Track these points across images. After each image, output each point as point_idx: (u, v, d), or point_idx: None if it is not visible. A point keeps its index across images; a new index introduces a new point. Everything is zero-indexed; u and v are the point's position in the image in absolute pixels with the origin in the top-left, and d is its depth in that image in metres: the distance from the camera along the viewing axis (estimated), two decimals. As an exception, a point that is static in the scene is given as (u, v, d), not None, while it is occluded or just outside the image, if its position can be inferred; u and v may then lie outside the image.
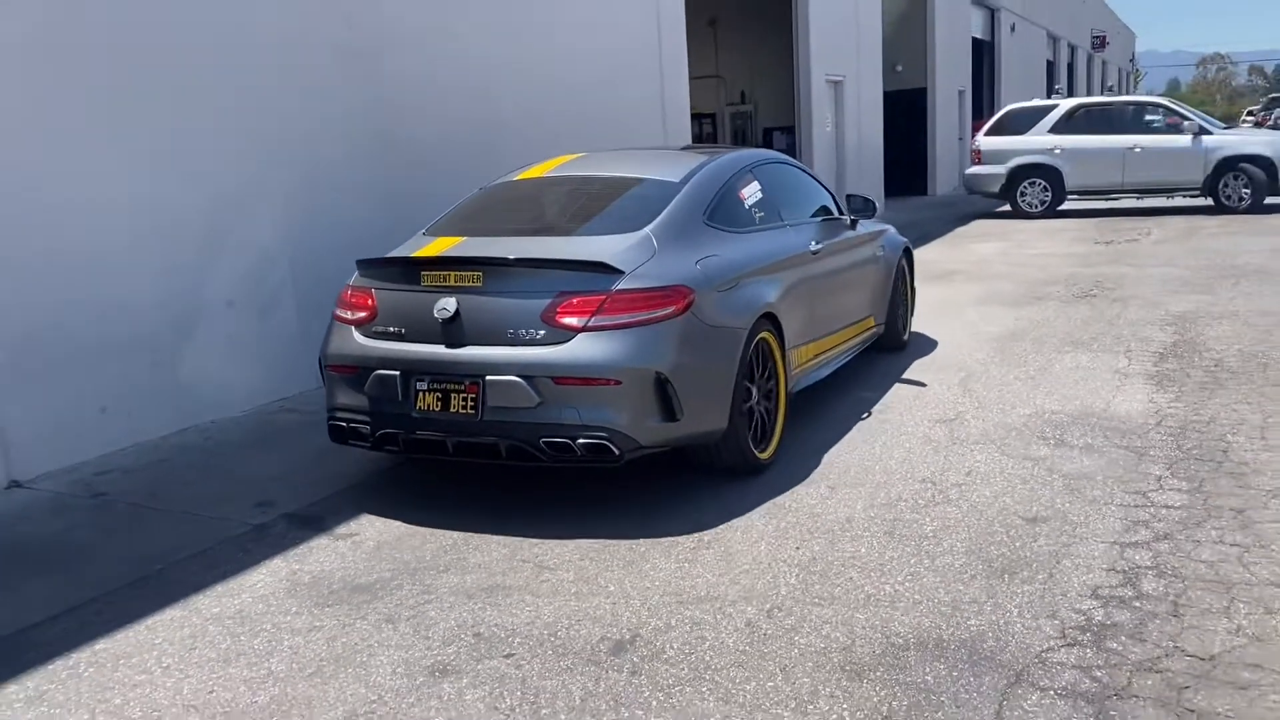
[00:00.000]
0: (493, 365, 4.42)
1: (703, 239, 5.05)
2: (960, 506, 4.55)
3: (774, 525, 4.44)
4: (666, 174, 5.44)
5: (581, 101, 10.26)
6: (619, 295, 4.45)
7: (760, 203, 5.78)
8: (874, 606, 3.65)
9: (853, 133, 18.33)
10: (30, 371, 5.44)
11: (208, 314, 6.44)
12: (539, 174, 5.96)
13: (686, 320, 4.55)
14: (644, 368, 4.39)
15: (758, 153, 6.38)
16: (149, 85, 6.02)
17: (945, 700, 3.03)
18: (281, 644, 3.57)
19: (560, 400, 4.36)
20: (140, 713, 3.16)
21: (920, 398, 6.35)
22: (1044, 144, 16.78)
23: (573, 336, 4.39)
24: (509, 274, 4.57)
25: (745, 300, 4.99)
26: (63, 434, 5.56)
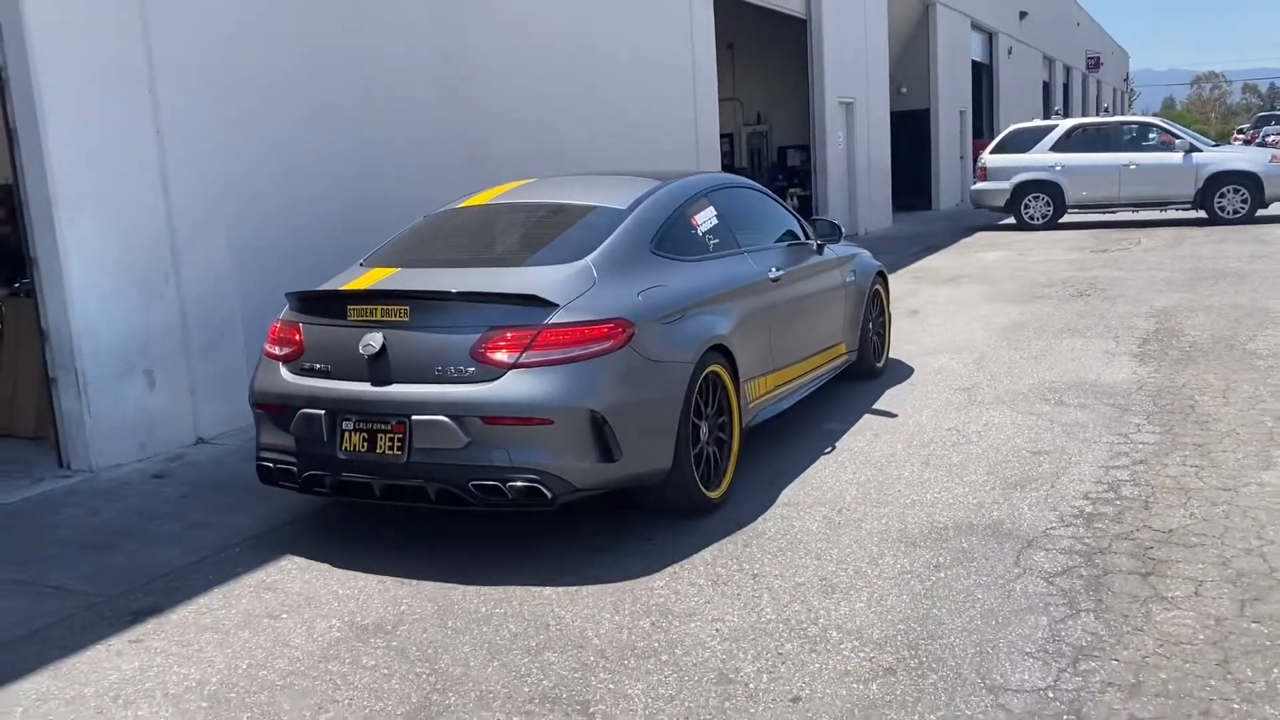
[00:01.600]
0: (419, 404, 4.23)
1: (648, 268, 4.88)
2: (980, 445, 5.73)
3: (834, 460, 5.62)
4: (613, 201, 5.27)
5: (629, 126, 11.54)
6: (552, 329, 4.26)
7: (715, 229, 5.60)
8: (918, 508, 4.83)
9: (863, 151, 19.58)
10: (215, 345, 6.62)
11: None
12: (484, 201, 5.78)
13: (625, 355, 4.35)
14: (577, 406, 4.19)
15: (716, 177, 6.26)
16: (307, 112, 7.24)
17: (978, 556, 4.21)
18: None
19: (490, 441, 4.16)
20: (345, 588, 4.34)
21: (940, 375, 7.54)
22: (1046, 161, 18.06)
23: (503, 374, 4.19)
24: (437, 308, 4.37)
25: (692, 332, 4.78)
26: (237, 400, 6.72)
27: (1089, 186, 17.81)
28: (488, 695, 3.31)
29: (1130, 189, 17.53)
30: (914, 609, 3.77)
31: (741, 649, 3.53)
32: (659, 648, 3.57)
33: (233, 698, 3.37)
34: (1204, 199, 17.27)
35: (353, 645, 3.70)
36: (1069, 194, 17.98)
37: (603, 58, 11.16)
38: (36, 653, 3.76)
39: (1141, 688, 3.16)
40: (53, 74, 5.70)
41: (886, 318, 7.74)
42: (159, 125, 6.29)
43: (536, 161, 9.09)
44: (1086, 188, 17.83)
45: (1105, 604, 3.73)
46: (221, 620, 3.98)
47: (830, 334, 6.62)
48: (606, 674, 3.41)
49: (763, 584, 4.06)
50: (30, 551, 4.81)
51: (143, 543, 4.87)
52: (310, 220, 7.26)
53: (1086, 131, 18.45)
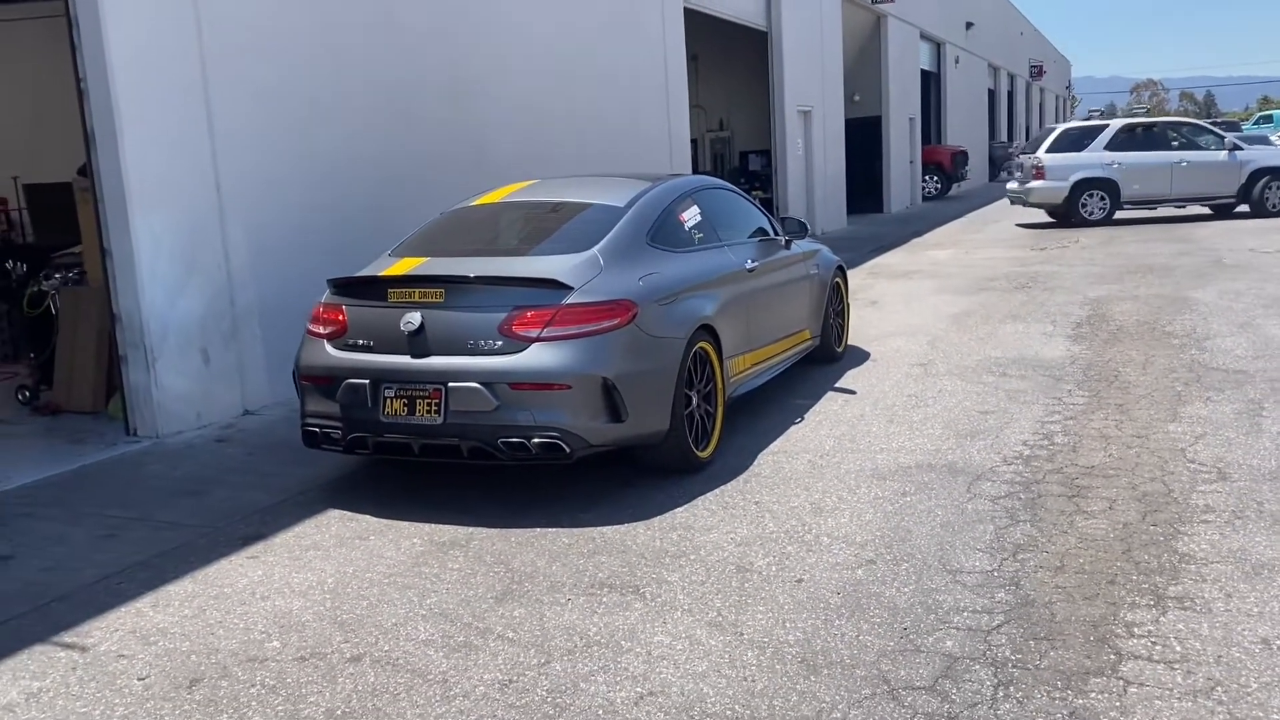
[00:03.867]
0: (455, 373, 4.89)
1: (645, 258, 5.56)
2: (935, 408, 6.70)
3: (811, 421, 6.55)
4: (612, 199, 5.98)
5: (612, 132, 12.48)
6: (569, 308, 4.94)
7: (699, 225, 6.31)
8: (886, 454, 5.77)
9: (820, 156, 20.65)
10: (253, 328, 7.41)
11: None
12: (495, 200, 6.50)
13: (630, 331, 5.04)
14: (592, 374, 4.88)
15: (697, 179, 7.04)
16: (324, 118, 8.05)
17: (937, 486, 5.16)
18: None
19: (516, 404, 4.84)
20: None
21: (899, 353, 8.51)
22: (1102, 159, 18.84)
23: (527, 346, 4.87)
24: (469, 290, 5.05)
25: (684, 313, 5.49)
26: (277, 376, 7.51)
27: (1142, 183, 18.64)
28: (557, 584, 4.19)
29: (1180, 185, 18.52)
30: (887, 523, 4.70)
31: (753, 550, 4.44)
32: (687, 550, 4.47)
33: (349, 592, 4.22)
34: (1246, 193, 18.53)
35: (436, 555, 4.56)
36: (1123, 191, 18.76)
37: (589, 71, 12.06)
38: (174, 567, 4.57)
39: (1065, 569, 4.11)
40: (127, 85, 6.47)
41: (845, 307, 8.55)
42: (212, 130, 7.07)
43: (532, 164, 9.94)
44: (1140, 184, 18.66)
45: (1039, 517, 4.69)
46: (319, 541, 4.81)
47: (797, 320, 7.38)
48: (648, 568, 4.30)
49: (764, 508, 4.97)
50: (132, 497, 5.60)
51: (228, 489, 5.67)
52: (335, 216, 8.06)
53: (1136, 131, 19.34)
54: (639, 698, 3.30)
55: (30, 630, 3.99)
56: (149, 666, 3.65)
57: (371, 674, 3.52)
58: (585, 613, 3.92)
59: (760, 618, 3.81)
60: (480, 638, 3.76)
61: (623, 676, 3.43)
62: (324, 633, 3.85)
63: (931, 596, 3.92)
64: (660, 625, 3.79)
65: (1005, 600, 3.86)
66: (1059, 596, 3.87)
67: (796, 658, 3.51)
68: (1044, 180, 19.15)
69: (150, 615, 4.08)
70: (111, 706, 3.39)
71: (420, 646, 3.71)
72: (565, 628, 3.80)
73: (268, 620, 3.98)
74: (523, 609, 3.98)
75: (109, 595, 4.28)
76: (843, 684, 3.32)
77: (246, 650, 3.74)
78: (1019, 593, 3.92)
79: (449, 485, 5.52)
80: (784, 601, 3.93)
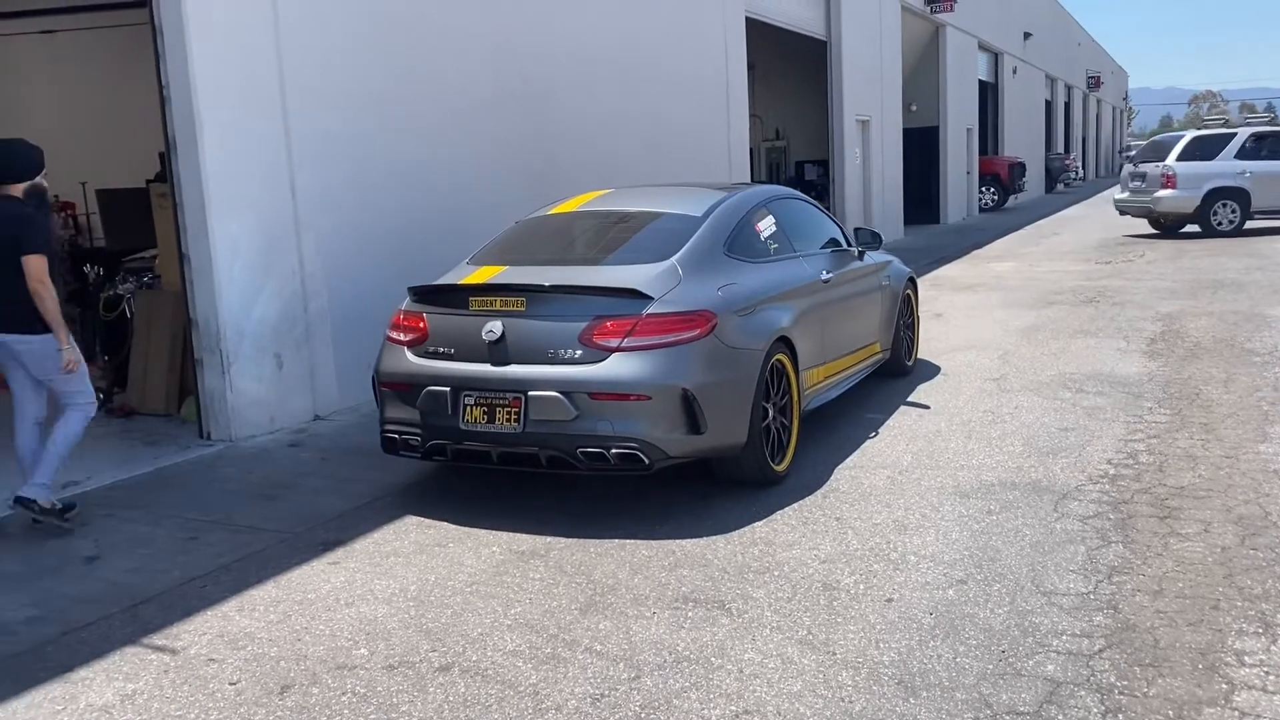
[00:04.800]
0: (534, 382, 4.88)
1: (723, 268, 5.53)
2: (1013, 424, 6.58)
3: (886, 436, 6.46)
4: (689, 209, 5.92)
5: (676, 141, 12.48)
6: (649, 319, 4.92)
7: (774, 235, 6.25)
8: (967, 470, 5.66)
9: (877, 166, 20.49)
10: (325, 334, 7.46)
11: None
12: (570, 209, 6.47)
13: (710, 342, 5.01)
14: (672, 385, 4.85)
15: (771, 189, 6.91)
16: (404, 123, 8.11)
17: (1022, 505, 5.05)
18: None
19: (595, 414, 4.81)
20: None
21: (970, 367, 8.38)
22: (1234, 168, 18.27)
23: (607, 356, 4.86)
24: (549, 299, 5.04)
25: (762, 324, 5.45)
26: (347, 383, 7.55)
27: (1274, 192, 18.13)
28: (641, 597, 4.14)
29: None
30: (974, 541, 4.60)
31: (838, 568, 4.37)
32: (770, 566, 4.41)
33: (433, 599, 4.20)
34: None
35: (517, 564, 4.54)
36: (1255, 200, 18.23)
37: (652, 78, 12.07)
38: (257, 571, 4.59)
39: (1164, 593, 3.99)
40: (208, 93, 6.54)
41: (916, 320, 8.42)
42: (289, 138, 7.14)
43: (598, 173, 9.95)
44: (1271, 194, 18.14)
45: (1131, 538, 4.56)
46: (399, 548, 4.80)
47: (869, 333, 7.27)
48: (732, 584, 4.24)
49: (846, 524, 4.89)
50: (210, 500, 5.64)
51: (304, 494, 5.70)
52: (407, 223, 8.10)
53: (1264, 139, 18.72)
54: (734, 716, 3.24)
55: (120, 632, 4.02)
56: (239, 671, 3.66)
57: (462, 684, 3.50)
58: (672, 627, 3.87)
59: (852, 637, 3.74)
60: (568, 650, 3.72)
61: (716, 694, 3.37)
62: (411, 641, 3.84)
63: (1027, 619, 3.82)
64: (750, 642, 3.73)
65: (1104, 624, 3.75)
66: (1160, 621, 3.76)
67: (893, 679, 3.43)
68: (1174, 189, 18.44)
69: (236, 619, 4.09)
70: (206, 711, 3.40)
71: (508, 657, 3.68)
72: (653, 642, 3.75)
73: (354, 627, 3.98)
74: (608, 621, 3.94)
75: (195, 598, 4.31)
76: (944, 707, 3.24)
77: (335, 657, 3.73)
78: (1118, 616, 3.81)
79: (521, 494, 5.50)
80: (875, 621, 3.85)
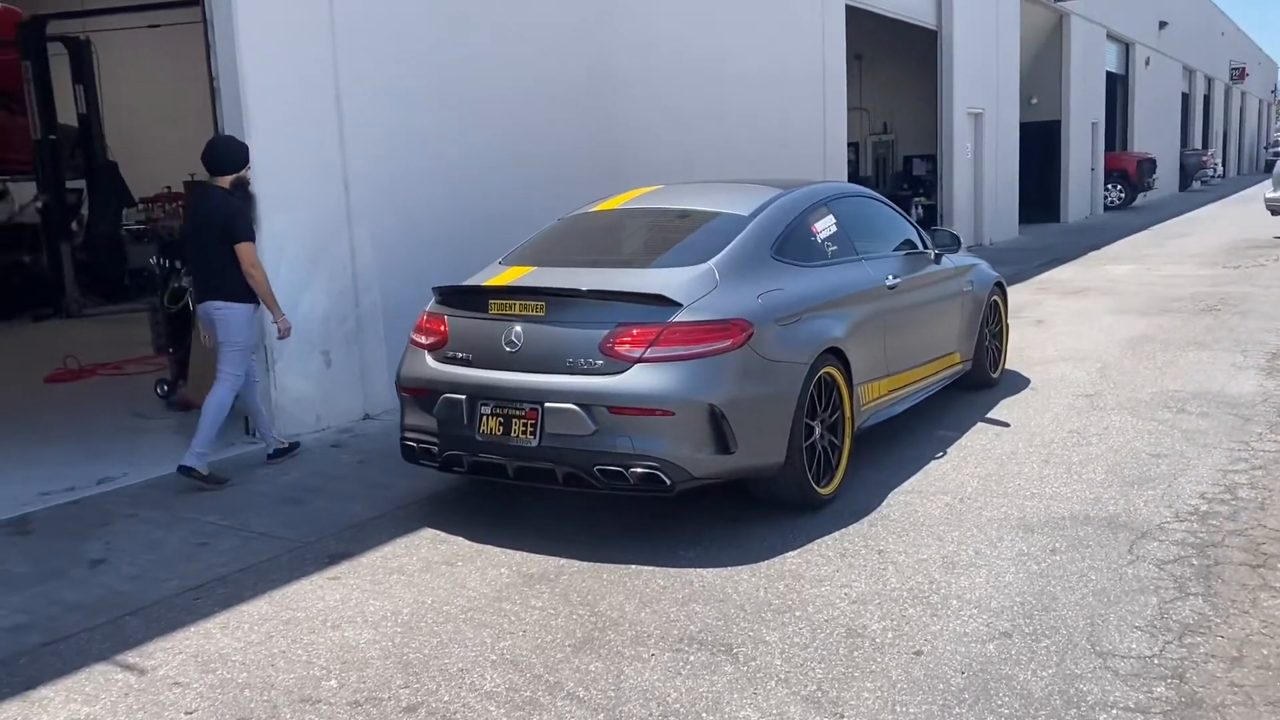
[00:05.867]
0: (551, 392, 4.55)
1: (768, 272, 5.10)
2: (1100, 447, 5.97)
3: (955, 456, 5.93)
4: (737, 207, 5.50)
5: (762, 134, 11.99)
6: (676, 327, 4.54)
7: (834, 236, 5.78)
8: (1037, 500, 5.12)
9: (990, 162, 19.55)
10: (376, 332, 7.29)
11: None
12: (614, 206, 6.13)
13: (744, 353, 4.60)
14: (697, 400, 4.46)
15: (837, 186, 6.45)
16: (461, 119, 7.89)
17: (1093, 544, 4.50)
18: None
19: (615, 429, 4.45)
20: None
21: (1063, 381, 7.72)
22: None
23: (629, 367, 4.48)
24: (571, 304, 4.70)
25: (808, 335, 5.01)
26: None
27: None
28: (643, 635, 3.78)
29: None
30: (1030, 585, 4.09)
31: (868, 610, 3.92)
32: (793, 605, 3.99)
33: (423, 625, 3.92)
34: None
35: (521, 590, 4.22)
36: None
37: (734, 68, 11.61)
38: (254, 584, 4.38)
39: (1243, 660, 3.44)
40: (257, 85, 6.42)
41: (1004, 328, 7.80)
42: (342, 131, 6.98)
43: (673, 168, 9.59)
44: None
45: (1214, 589, 3.99)
46: (405, 564, 4.54)
47: (945, 342, 6.76)
48: (746, 623, 3.84)
49: (887, 559, 4.43)
50: (234, 503, 5.49)
51: (330, 499, 5.51)
52: (466, 219, 7.87)
53: None
54: (712, 787, 2.86)
55: (98, 646, 3.85)
56: (200, 698, 3.44)
57: (423, 729, 3.20)
58: (668, 673, 3.49)
59: (867, 696, 3.30)
60: (548, 694, 3.38)
61: (697, 758, 3.00)
62: (386, 674, 3.56)
63: (1074, 685, 3.32)
64: (749, 696, 3.33)
65: (1165, 696, 3.23)
66: (1234, 698, 3.22)
67: (903, 752, 2.99)
68: None
69: (217, 638, 3.88)
70: (150, 743, 3.18)
71: (482, 699, 3.37)
72: (642, 690, 3.39)
73: (332, 654, 3.72)
74: (600, 662, 3.59)
75: (184, 612, 4.12)
76: (955, 793, 2.80)
77: (302, 688, 3.48)
78: (1183, 688, 3.28)
79: (550, 509, 5.19)
80: (897, 678, 3.41)
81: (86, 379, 9.17)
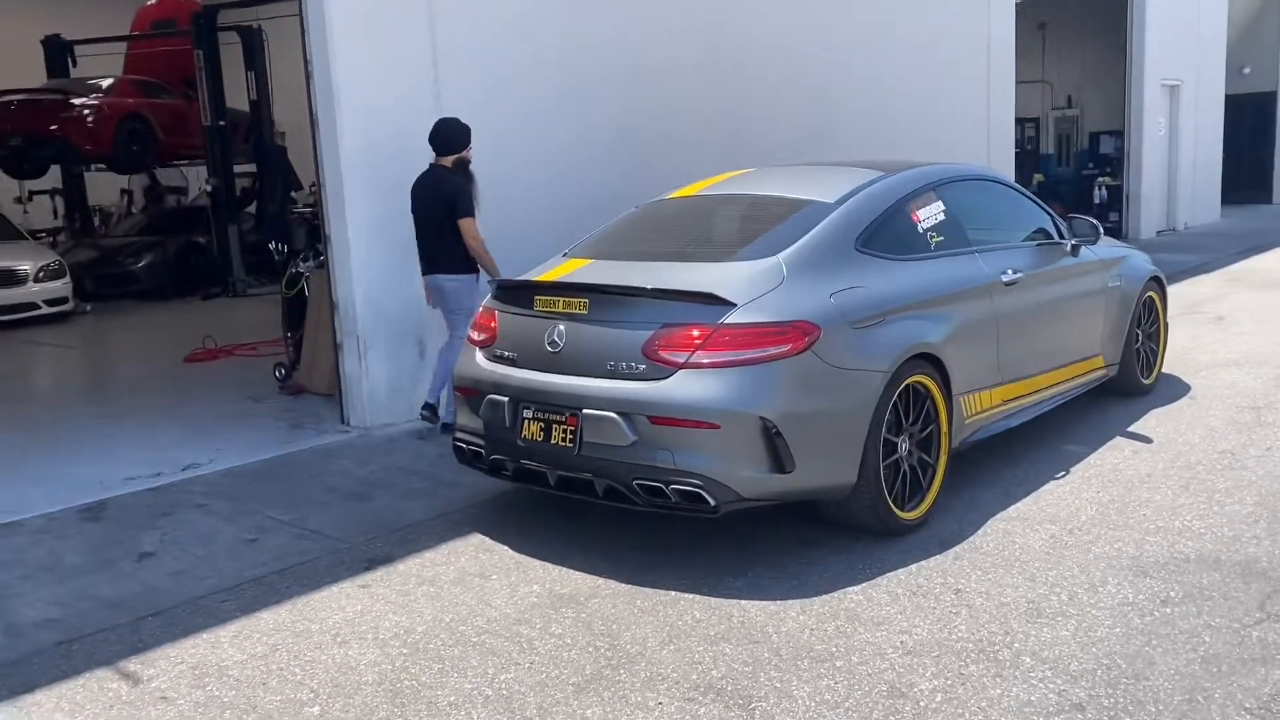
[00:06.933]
0: (590, 398, 4.19)
1: (848, 267, 4.56)
2: (1255, 472, 5.14)
3: (1078, 476, 5.23)
4: (824, 194, 4.93)
5: (910, 111, 11.19)
6: (726, 330, 4.09)
7: (940, 225, 5.13)
8: (1162, 534, 4.41)
9: (1187, 139, 17.85)
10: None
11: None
12: (693, 192, 5.64)
13: (806, 360, 4.11)
14: (746, 412, 4.01)
15: (952, 169, 5.73)
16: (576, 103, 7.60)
17: (1216, 595, 3.81)
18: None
19: (655, 441, 4.05)
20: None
21: (1230, 389, 6.78)
22: None
23: (673, 373, 4.07)
24: (615, 302, 4.31)
25: (891, 338, 4.43)
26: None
27: None
28: (657, 677, 3.39)
29: None
30: (1125, 644, 3.47)
31: (922, 664, 3.41)
32: (836, 653, 3.51)
33: (430, 648, 3.66)
34: None
35: (545, 612, 3.90)
36: None
37: (884, 38, 10.89)
38: (284, 588, 4.24)
39: (1378, 767, 2.76)
40: (349, 66, 6.30)
41: (1161, 329, 6.95)
42: (440, 113, 6.78)
43: (799, 149, 9.01)
44: None
45: (1359, 666, 3.27)
46: (440, 574, 4.31)
47: (1084, 344, 6.05)
48: (777, 672, 3.40)
49: (963, 600, 3.87)
50: (301, 496, 5.41)
51: (395, 496, 5.35)
52: (573, 206, 7.55)
53: None
54: None
55: (109, 649, 3.77)
56: (180, 717, 3.28)
57: (385, 774, 2.93)
58: (670, 727, 3.11)
59: (887, 776, 2.82)
60: (531, 742, 3.06)
61: (669, 838, 2.61)
62: (372, 703, 3.31)
63: (1148, 783, 2.74)
64: (752, 764, 2.91)
65: (1264, 809, 2.62)
66: (1356, 818, 2.57)
67: None
68: None
69: (224, 648, 3.74)
70: (111, 766, 3.04)
71: (460, 743, 3.07)
72: (635, 746, 3.02)
73: (328, 675, 3.51)
74: (599, 708, 3.23)
75: (204, 615, 4.01)
76: None
77: (283, 714, 3.28)
78: (1290, 800, 2.65)
79: (610, 520, 4.80)
80: (930, 754, 2.91)
81: (224, 359, 9.45)
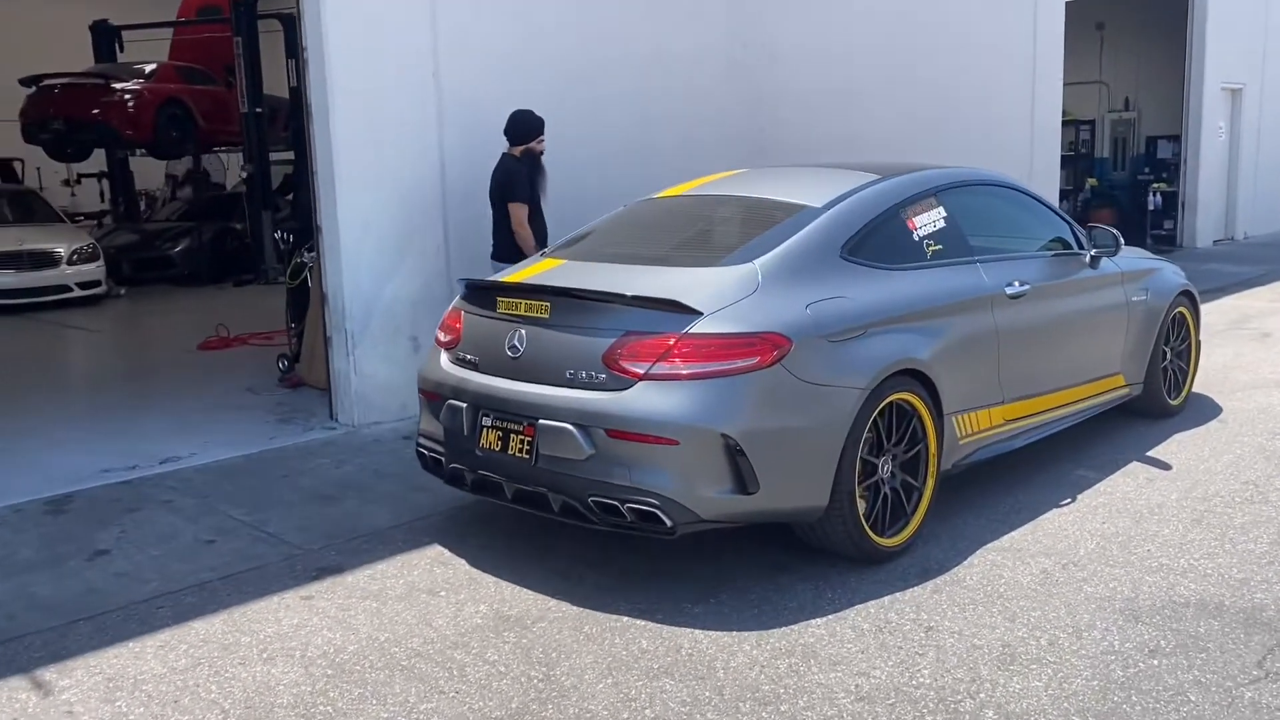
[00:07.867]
0: (546, 408, 3.99)
1: (831, 276, 4.29)
2: (1278, 506, 4.77)
3: (1084, 504, 4.90)
4: (813, 198, 4.67)
5: (947, 112, 10.80)
6: (690, 339, 3.85)
7: (939, 233, 4.84)
8: (1162, 574, 4.08)
9: (1250, 144, 17.16)
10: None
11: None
12: (680, 192, 5.40)
13: (774, 374, 3.86)
14: (707, 428, 3.77)
15: (957, 173, 5.37)
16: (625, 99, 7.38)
17: (1211, 646, 3.48)
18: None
19: (612, 456, 3.84)
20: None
21: (1264, 414, 6.37)
22: None
23: (633, 384, 3.85)
24: (578, 307, 4.11)
25: (872, 353, 4.15)
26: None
27: None
28: (585, 714, 3.16)
29: None
30: (1101, 700, 3.17)
31: (874, 713, 3.13)
32: (783, 694, 3.25)
33: (356, 671, 3.46)
34: None
35: (483, 637, 3.68)
36: None
37: (921, 36, 10.49)
38: (225, 595, 4.07)
39: None
40: (342, 52, 6.14)
41: (1192, 346, 6.56)
42: (441, 107, 6.63)
43: (825, 149, 8.69)
44: None
45: (1361, 738, 2.94)
46: (388, 589, 4.11)
47: (1101, 362, 5.70)
48: (715, 714, 3.14)
49: (933, 639, 3.59)
50: (270, 496, 5.25)
51: (364, 500, 5.17)
52: (582, 204, 7.31)
53: None
54: None
55: (29, 655, 3.62)
56: (79, 736, 3.13)
57: (271, 812, 2.73)
58: (586, 772, 2.87)
59: (809, 843, 2.56)
60: (435, 783, 2.84)
61: None
62: (280, 729, 3.12)
63: None
64: (664, 821, 2.66)
65: None
66: None
67: None
68: None
69: (147, 660, 3.57)
70: (-8, 788, 2.88)
71: (359, 780, 2.87)
72: (543, 793, 2.79)
73: (244, 695, 3.32)
74: (515, 747, 3.01)
75: (136, 622, 3.85)
76: None
77: (185, 736, 3.10)
78: None
79: (579, 534, 4.57)
80: (861, 820, 2.64)
81: (236, 347, 9.38)
